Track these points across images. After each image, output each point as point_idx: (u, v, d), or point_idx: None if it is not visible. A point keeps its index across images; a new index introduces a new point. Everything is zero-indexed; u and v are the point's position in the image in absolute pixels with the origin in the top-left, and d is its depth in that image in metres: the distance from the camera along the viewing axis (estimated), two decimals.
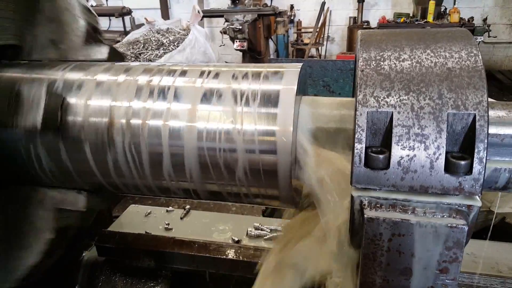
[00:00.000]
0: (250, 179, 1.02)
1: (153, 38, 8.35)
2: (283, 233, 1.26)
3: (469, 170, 0.73)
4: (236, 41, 8.89)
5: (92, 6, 11.03)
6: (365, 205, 0.78)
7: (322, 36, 11.06)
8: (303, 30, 11.27)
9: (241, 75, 1.06)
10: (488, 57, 11.03)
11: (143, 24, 9.08)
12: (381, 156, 0.75)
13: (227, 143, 0.99)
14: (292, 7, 11.63)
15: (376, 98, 0.78)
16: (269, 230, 1.88)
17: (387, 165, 0.76)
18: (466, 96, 0.75)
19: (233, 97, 1.01)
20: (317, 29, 10.51)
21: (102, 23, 11.70)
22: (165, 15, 12.12)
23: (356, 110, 0.78)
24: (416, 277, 0.78)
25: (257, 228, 1.89)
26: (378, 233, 0.76)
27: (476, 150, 0.73)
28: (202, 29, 8.59)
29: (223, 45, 10.11)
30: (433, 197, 0.76)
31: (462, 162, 0.73)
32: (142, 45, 8.17)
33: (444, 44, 0.83)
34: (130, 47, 8.13)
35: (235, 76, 1.06)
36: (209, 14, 10.08)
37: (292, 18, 11.55)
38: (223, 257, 1.71)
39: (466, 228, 0.73)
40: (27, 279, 1.24)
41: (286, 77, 1.03)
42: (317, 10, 10.54)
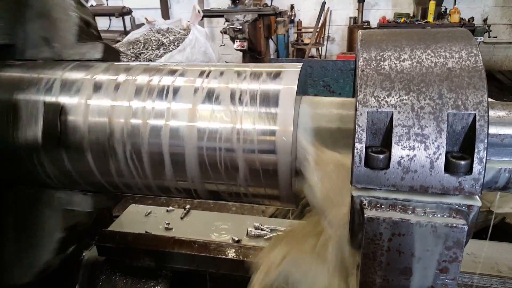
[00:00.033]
0: (250, 179, 1.02)
1: (153, 38, 8.36)
2: (286, 238, 1.17)
3: (469, 170, 0.73)
4: (236, 41, 8.88)
5: (92, 6, 11.05)
6: (365, 205, 0.78)
7: (323, 36, 11.06)
8: (304, 30, 11.27)
9: (241, 75, 1.06)
10: (489, 58, 11.03)
11: (143, 24, 9.08)
12: (381, 156, 0.75)
13: (227, 143, 0.99)
14: (293, 7, 11.63)
15: (377, 98, 0.78)
16: (269, 230, 1.88)
17: (387, 165, 0.76)
18: (466, 96, 0.75)
19: (234, 97, 1.01)
20: (318, 29, 10.50)
21: (102, 23, 11.82)
22: (165, 15, 12.12)
23: (357, 110, 0.78)
24: (416, 277, 0.78)
25: (257, 228, 1.89)
26: (378, 233, 0.76)
27: (476, 150, 0.73)
28: (202, 29, 8.59)
29: (223, 45, 10.11)
30: (433, 197, 0.76)
31: (462, 162, 0.73)
32: (142, 45, 8.17)
33: (444, 44, 0.83)
34: (130, 47, 8.13)
35: (236, 76, 1.06)
36: (210, 14, 10.08)
37: (293, 18, 11.55)
38: (223, 257, 1.71)
39: (466, 228, 0.73)
40: (43, 273, 1.35)
41: (286, 77, 1.03)
42: (317, 10, 10.53)
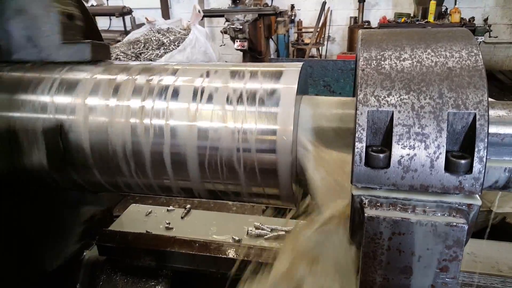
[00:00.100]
0: (251, 178, 1.02)
1: (154, 38, 8.36)
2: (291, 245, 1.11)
3: (469, 169, 0.73)
4: (237, 41, 8.88)
5: (93, 6, 11.04)
6: (365, 204, 0.78)
7: (323, 36, 11.05)
8: (304, 30, 11.26)
9: (242, 75, 1.06)
10: (489, 57, 11.02)
11: (144, 24, 9.09)
12: (382, 155, 0.76)
13: (228, 142, 0.99)
14: (293, 7, 11.63)
15: (377, 98, 0.78)
16: (270, 230, 1.88)
17: (388, 164, 0.76)
18: (467, 96, 0.75)
19: (234, 96, 1.01)
20: (318, 29, 10.50)
21: (103, 23, 11.81)
22: (166, 15, 12.13)
23: (357, 109, 0.78)
24: (416, 276, 0.78)
25: (258, 228, 1.89)
26: (378, 232, 0.77)
27: (476, 149, 0.73)
28: (203, 29, 8.59)
29: (224, 45, 10.12)
30: (433, 196, 0.76)
31: (462, 161, 0.73)
32: (143, 45, 8.18)
33: (445, 44, 0.83)
34: (131, 47, 8.13)
35: (236, 76, 1.06)
36: (210, 14, 10.08)
37: (293, 18, 11.54)
38: (224, 257, 1.71)
39: (466, 227, 0.73)
40: (71, 260, 1.63)
41: (287, 77, 1.03)
42: (318, 10, 10.53)
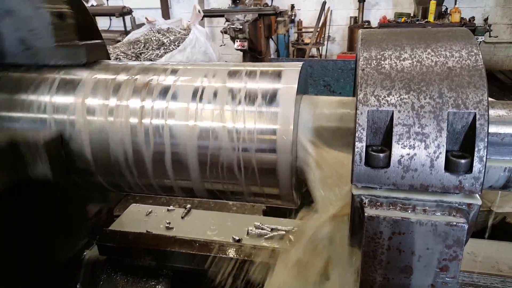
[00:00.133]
0: (251, 178, 1.02)
1: (154, 38, 8.36)
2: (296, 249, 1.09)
3: (469, 169, 0.73)
4: (237, 41, 8.88)
5: (93, 6, 11.04)
6: (365, 204, 0.78)
7: (323, 36, 11.05)
8: (304, 30, 11.26)
9: (242, 74, 1.06)
10: (489, 57, 11.02)
11: (144, 24, 9.10)
12: (382, 155, 0.76)
13: (228, 142, 0.99)
14: (293, 7, 11.62)
15: (377, 97, 0.78)
16: (270, 229, 1.88)
17: (388, 164, 0.76)
18: (467, 95, 0.75)
19: (234, 96, 1.01)
20: (318, 29, 10.50)
21: (103, 23, 11.82)
22: (166, 15, 12.13)
23: (357, 109, 0.78)
24: (416, 275, 0.78)
25: (258, 227, 1.89)
26: (379, 231, 0.77)
27: (476, 149, 0.73)
28: (203, 29, 8.59)
29: (224, 45, 10.12)
30: (433, 196, 0.76)
31: (462, 161, 0.73)
32: (143, 45, 8.18)
33: (445, 43, 0.83)
34: (131, 47, 8.14)
35: (236, 75, 1.06)
36: (210, 14, 10.08)
37: (293, 18, 11.54)
38: (224, 256, 1.71)
39: (466, 226, 0.73)
40: (84, 249, 1.75)
41: (287, 76, 1.03)
42: (318, 10, 10.53)
